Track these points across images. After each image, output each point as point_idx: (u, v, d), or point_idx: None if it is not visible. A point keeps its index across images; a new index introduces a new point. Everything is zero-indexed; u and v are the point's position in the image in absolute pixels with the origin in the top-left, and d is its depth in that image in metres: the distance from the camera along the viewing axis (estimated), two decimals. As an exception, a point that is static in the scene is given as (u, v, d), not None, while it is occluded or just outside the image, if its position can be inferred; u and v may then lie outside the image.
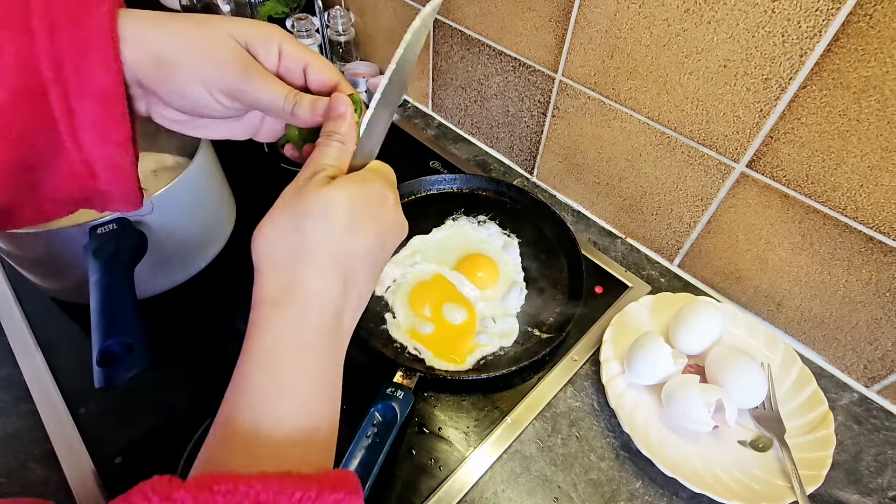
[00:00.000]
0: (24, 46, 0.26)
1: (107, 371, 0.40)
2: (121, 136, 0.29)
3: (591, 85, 0.61)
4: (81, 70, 0.27)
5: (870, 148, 0.43)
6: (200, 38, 0.29)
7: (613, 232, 0.71)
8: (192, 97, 0.30)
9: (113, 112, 0.28)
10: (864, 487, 0.48)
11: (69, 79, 0.27)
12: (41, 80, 0.26)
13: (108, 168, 0.30)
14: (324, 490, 0.22)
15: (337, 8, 0.89)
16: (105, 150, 0.29)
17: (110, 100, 0.28)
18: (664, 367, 0.49)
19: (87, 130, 0.28)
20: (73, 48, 0.27)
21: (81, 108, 0.28)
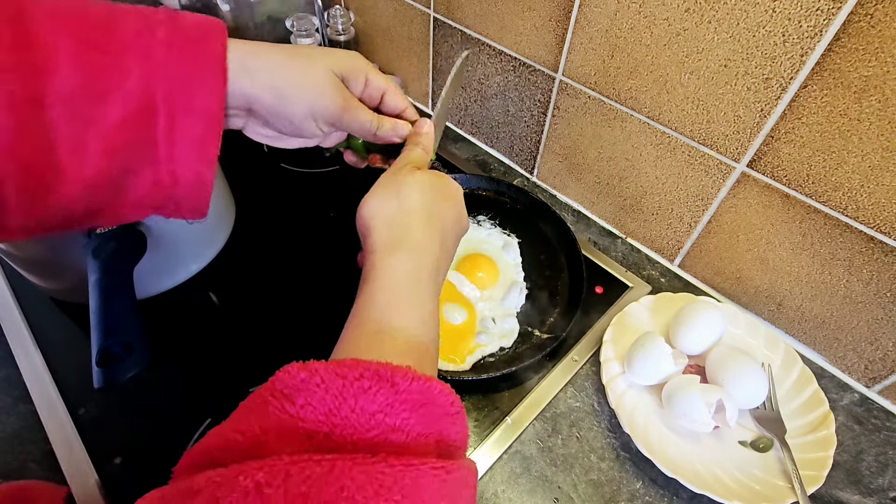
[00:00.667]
0: (145, 72, 0.29)
1: (106, 371, 0.40)
2: (213, 153, 0.33)
3: (591, 85, 0.61)
4: (191, 93, 0.31)
5: (871, 148, 0.43)
6: (310, 75, 0.35)
7: (614, 232, 0.71)
8: (299, 124, 0.36)
9: (211, 133, 0.32)
10: (864, 488, 0.48)
11: (178, 100, 0.30)
12: (154, 101, 0.30)
13: (192, 180, 0.34)
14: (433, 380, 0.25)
15: (336, 7, 0.89)
16: (195, 166, 0.33)
17: (211, 121, 0.32)
18: (664, 368, 0.49)
19: (184, 147, 0.32)
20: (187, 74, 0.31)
21: (183, 127, 0.31)
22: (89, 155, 0.29)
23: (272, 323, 0.57)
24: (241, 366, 0.53)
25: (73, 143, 0.29)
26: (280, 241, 0.66)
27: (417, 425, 0.24)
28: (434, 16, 0.75)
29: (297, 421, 0.22)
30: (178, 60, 0.30)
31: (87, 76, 0.28)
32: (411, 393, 0.24)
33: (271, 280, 0.62)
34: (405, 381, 0.24)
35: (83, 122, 0.29)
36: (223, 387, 0.52)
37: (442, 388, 0.25)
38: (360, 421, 0.23)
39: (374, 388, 0.23)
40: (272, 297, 0.60)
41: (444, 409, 0.25)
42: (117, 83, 0.29)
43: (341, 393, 0.23)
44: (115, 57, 0.29)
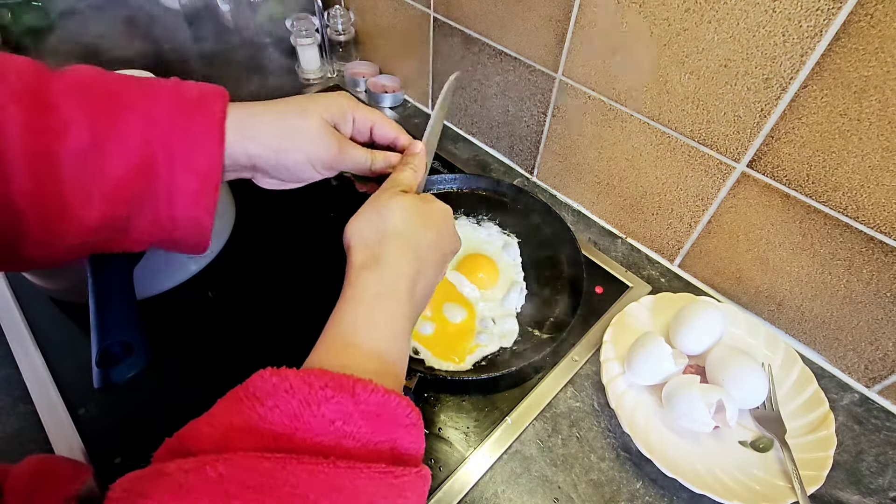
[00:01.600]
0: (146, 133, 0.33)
1: (106, 371, 0.40)
2: (209, 202, 0.36)
3: (591, 85, 0.61)
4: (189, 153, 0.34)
5: (871, 148, 0.43)
6: (304, 129, 0.38)
7: (614, 232, 0.71)
8: (299, 173, 0.40)
9: (208, 186, 0.35)
10: (864, 488, 0.48)
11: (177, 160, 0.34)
12: (154, 158, 0.33)
13: (190, 224, 0.37)
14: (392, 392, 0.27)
15: (336, 7, 0.89)
16: (193, 213, 0.36)
17: (209, 177, 0.35)
18: (665, 368, 0.49)
19: (181, 196, 0.35)
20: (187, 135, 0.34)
21: (182, 183, 0.34)
22: (96, 203, 0.33)
23: (272, 323, 0.57)
24: (241, 366, 0.53)
25: (82, 195, 0.33)
26: (280, 242, 0.66)
27: (372, 434, 0.26)
28: (434, 16, 0.75)
29: (263, 422, 0.25)
30: (179, 123, 0.34)
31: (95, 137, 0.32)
32: (370, 404, 0.26)
33: (271, 280, 0.62)
34: (365, 392, 0.26)
35: (91, 176, 0.32)
36: (223, 387, 0.51)
37: (400, 401, 0.27)
38: (320, 426, 0.25)
39: (336, 397, 0.25)
40: (272, 298, 0.60)
41: (399, 421, 0.27)
42: (121, 142, 0.33)
43: (307, 399, 0.25)
44: (121, 120, 0.33)
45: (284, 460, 0.23)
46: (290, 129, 0.38)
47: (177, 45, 1.03)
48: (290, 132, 0.38)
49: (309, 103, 0.39)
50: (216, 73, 0.96)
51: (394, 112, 0.89)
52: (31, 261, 0.35)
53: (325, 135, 0.38)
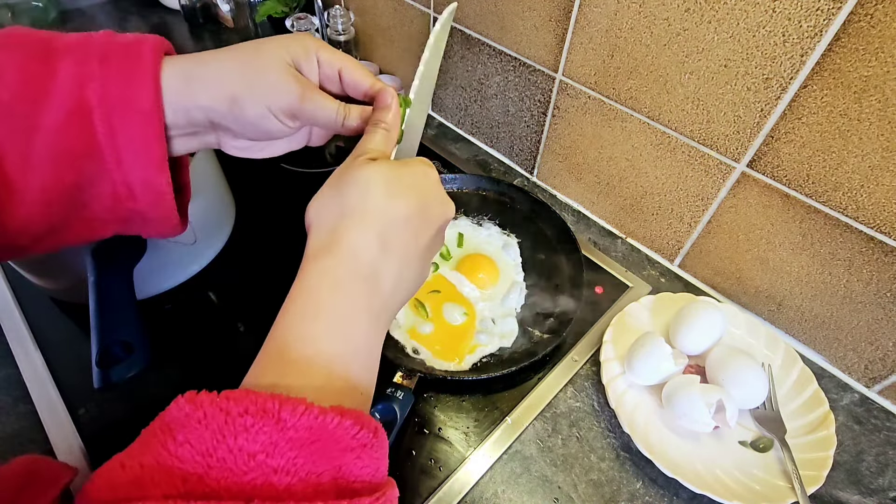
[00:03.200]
0: (78, 73, 0.30)
1: (106, 371, 0.40)
2: (156, 155, 0.32)
3: (591, 85, 0.61)
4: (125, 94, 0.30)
5: (871, 148, 0.43)
6: (258, 71, 0.33)
7: (614, 232, 0.71)
8: (261, 125, 0.34)
9: (150, 132, 0.31)
10: (864, 488, 0.48)
11: (113, 102, 0.30)
12: (88, 103, 0.30)
13: (146, 189, 0.33)
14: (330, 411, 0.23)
15: (336, 7, 0.89)
16: (143, 172, 0.32)
17: (148, 121, 0.31)
18: (665, 368, 0.49)
19: (127, 150, 0.31)
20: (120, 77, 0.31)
21: (122, 129, 0.31)
22: (35, 165, 0.30)
23: (272, 323, 0.57)
24: (241, 366, 0.53)
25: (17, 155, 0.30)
26: (280, 241, 0.66)
27: (307, 464, 0.22)
28: (434, 16, 0.75)
29: (174, 459, 0.21)
30: (111, 65, 0.31)
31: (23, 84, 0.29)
32: (299, 430, 0.22)
33: (271, 280, 0.62)
34: (293, 416, 0.22)
35: (23, 130, 0.29)
36: (223, 387, 0.51)
37: (341, 421, 0.22)
38: (237, 463, 0.21)
39: (256, 425, 0.21)
40: (272, 297, 0.60)
41: (343, 444, 0.23)
42: (50, 87, 0.29)
43: (221, 430, 0.21)
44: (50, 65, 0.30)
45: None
46: (242, 73, 0.32)
47: (176, 45, 1.03)
48: (242, 76, 0.32)
49: (265, 43, 0.34)
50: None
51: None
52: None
53: (284, 75, 0.33)
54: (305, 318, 0.27)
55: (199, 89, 0.32)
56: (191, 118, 0.33)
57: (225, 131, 0.36)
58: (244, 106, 0.33)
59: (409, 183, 0.30)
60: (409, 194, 0.30)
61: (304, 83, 0.34)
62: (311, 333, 0.26)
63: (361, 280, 0.28)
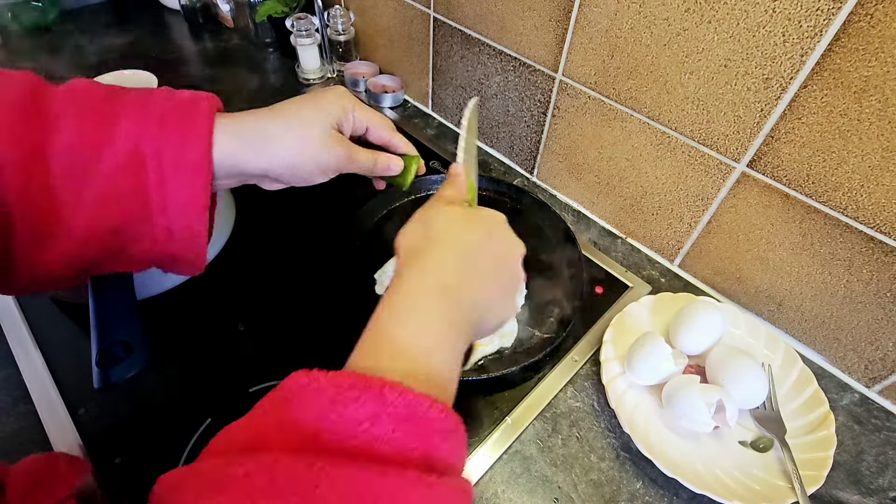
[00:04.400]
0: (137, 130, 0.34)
1: (106, 371, 0.40)
2: (200, 204, 0.36)
3: (591, 85, 0.61)
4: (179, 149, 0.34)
5: (871, 148, 0.43)
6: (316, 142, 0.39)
7: (614, 232, 0.71)
8: (311, 180, 0.41)
9: (198, 183, 0.35)
10: (864, 488, 0.48)
11: (166, 155, 0.34)
12: (143, 154, 0.34)
13: (185, 234, 0.37)
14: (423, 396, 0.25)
15: (336, 7, 0.89)
16: (185, 218, 0.36)
17: (198, 173, 0.35)
18: (665, 368, 0.49)
19: (173, 198, 0.35)
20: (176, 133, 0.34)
21: (172, 179, 0.35)
22: (87, 205, 0.33)
23: (272, 323, 0.57)
24: (241, 366, 0.53)
25: (72, 195, 0.33)
26: (280, 241, 0.66)
27: (402, 438, 0.25)
28: (434, 16, 0.75)
29: (291, 421, 0.24)
30: (169, 121, 0.35)
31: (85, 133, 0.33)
32: (398, 406, 0.25)
33: (271, 280, 0.62)
34: (393, 393, 0.25)
35: (80, 175, 0.33)
36: (223, 387, 0.52)
37: (432, 404, 0.26)
38: (347, 428, 0.24)
39: (362, 397, 0.24)
40: (272, 297, 0.60)
41: (433, 426, 0.26)
42: (110, 139, 0.33)
43: (332, 399, 0.24)
44: (111, 119, 0.34)
45: (312, 461, 0.22)
46: (301, 147, 0.38)
47: (177, 45, 1.03)
48: (301, 149, 0.38)
49: (313, 110, 0.40)
50: (216, 73, 0.96)
51: (394, 112, 0.89)
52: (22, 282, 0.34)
53: (335, 143, 0.40)
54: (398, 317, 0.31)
55: (261, 156, 0.38)
56: (245, 175, 0.39)
57: (273, 181, 0.41)
58: (301, 170, 0.39)
59: (484, 221, 0.36)
60: (482, 229, 0.35)
61: (349, 147, 0.41)
62: (405, 328, 0.30)
63: (442, 293, 0.31)
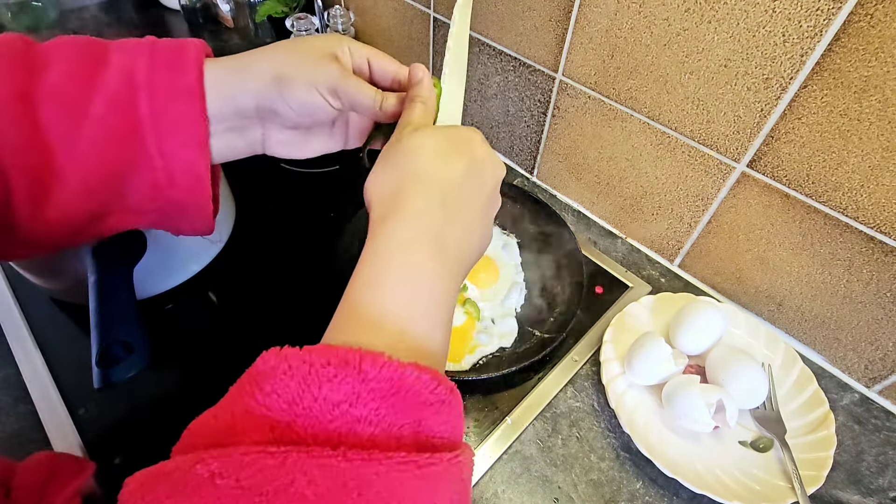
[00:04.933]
0: (128, 62, 0.32)
1: (106, 371, 0.40)
2: (198, 136, 0.34)
3: (591, 85, 0.61)
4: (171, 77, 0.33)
5: (871, 148, 0.43)
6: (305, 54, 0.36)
7: (614, 232, 0.71)
8: (307, 101, 0.36)
9: (192, 111, 0.33)
10: (864, 488, 0.48)
11: (158, 84, 0.32)
12: (134, 86, 0.32)
13: (186, 174, 0.34)
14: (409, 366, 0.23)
15: (336, 7, 0.89)
16: (183, 154, 0.34)
17: (191, 100, 0.33)
18: (665, 368, 0.49)
19: (169, 132, 0.33)
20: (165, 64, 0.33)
21: (165, 109, 0.33)
22: (80, 152, 0.31)
23: (272, 323, 0.57)
24: (241, 366, 0.53)
25: (64, 141, 0.31)
26: (280, 241, 0.66)
27: (388, 415, 0.22)
28: (434, 16, 0.75)
29: (262, 408, 0.22)
30: (159, 54, 0.33)
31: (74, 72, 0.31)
32: (380, 381, 0.22)
33: (271, 280, 0.62)
34: (374, 367, 0.22)
35: (72, 117, 0.31)
36: (223, 387, 0.51)
37: (419, 375, 0.23)
38: (322, 411, 0.22)
39: (339, 375, 0.22)
40: (272, 297, 0.60)
41: (422, 398, 0.23)
42: (101, 74, 0.31)
43: (305, 380, 0.22)
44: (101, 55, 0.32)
45: (286, 454, 0.20)
46: (287, 57, 0.35)
47: (177, 45, 1.03)
48: (287, 60, 0.35)
49: (304, 38, 0.38)
50: (216, 73, 0.96)
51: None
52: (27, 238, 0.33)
53: (325, 58, 0.36)
54: (377, 280, 0.27)
55: (247, 76, 0.35)
56: (238, 107, 0.35)
57: (271, 120, 0.37)
58: (291, 84, 0.35)
59: (459, 145, 0.32)
60: (461, 155, 0.31)
61: (344, 65, 0.37)
62: (381, 293, 0.27)
63: (427, 240, 0.28)
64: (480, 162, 0.32)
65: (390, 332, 0.26)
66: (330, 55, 0.36)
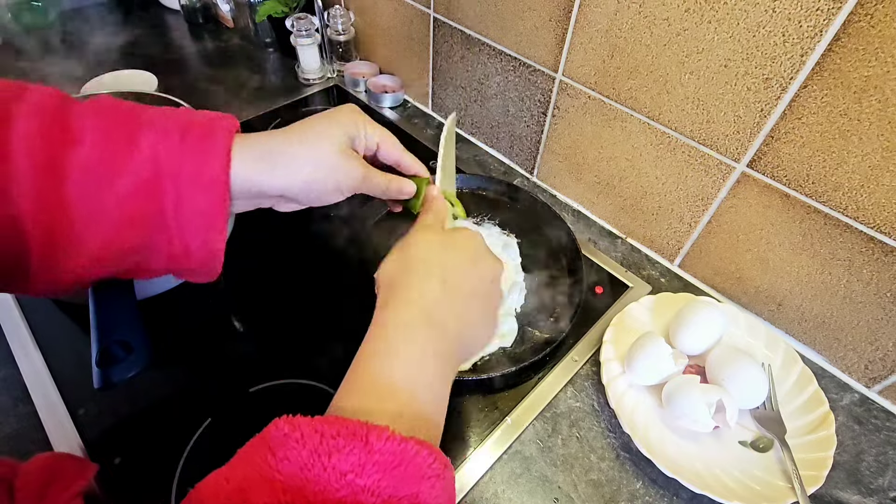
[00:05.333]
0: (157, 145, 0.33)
1: (106, 371, 0.40)
2: (219, 222, 0.35)
3: (591, 85, 0.61)
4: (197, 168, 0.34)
5: (871, 148, 0.43)
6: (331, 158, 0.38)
7: (614, 232, 0.71)
8: (327, 199, 0.40)
9: (216, 201, 0.35)
10: (864, 488, 0.48)
11: (184, 174, 0.33)
12: (160, 174, 0.33)
13: (202, 250, 0.36)
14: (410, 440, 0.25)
15: (336, 7, 0.89)
16: (203, 236, 0.36)
17: (216, 190, 0.34)
18: (665, 368, 0.49)
19: (190, 218, 0.35)
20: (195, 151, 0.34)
21: (189, 200, 0.34)
22: (103, 225, 0.33)
23: (272, 323, 0.57)
24: (241, 366, 0.53)
25: (88, 214, 0.32)
26: (280, 242, 0.66)
27: (389, 487, 0.24)
28: (434, 16, 0.75)
29: (274, 473, 0.23)
30: (189, 138, 0.34)
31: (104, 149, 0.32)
32: (384, 454, 0.24)
33: (271, 280, 0.62)
34: (380, 440, 0.24)
35: (98, 194, 0.32)
36: (223, 387, 0.52)
37: (419, 450, 0.25)
38: (330, 480, 0.23)
39: (347, 446, 0.24)
40: (272, 297, 0.60)
41: (420, 472, 0.25)
42: (130, 157, 0.33)
43: (316, 450, 0.23)
44: (134, 133, 0.33)
45: None
46: (316, 163, 0.38)
47: (177, 45, 1.03)
48: (316, 166, 0.38)
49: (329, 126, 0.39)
50: (216, 73, 0.96)
51: (394, 112, 0.89)
52: (35, 289, 0.34)
53: (352, 160, 0.39)
54: (382, 355, 0.30)
55: (276, 174, 0.37)
56: (264, 194, 0.38)
57: (290, 201, 0.40)
58: (318, 188, 0.38)
59: (460, 240, 0.36)
60: (461, 247, 0.35)
61: (365, 167, 0.40)
62: (387, 367, 0.29)
63: (427, 322, 0.31)
64: (479, 254, 0.36)
65: (395, 401, 0.28)
66: (352, 153, 0.39)
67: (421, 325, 0.31)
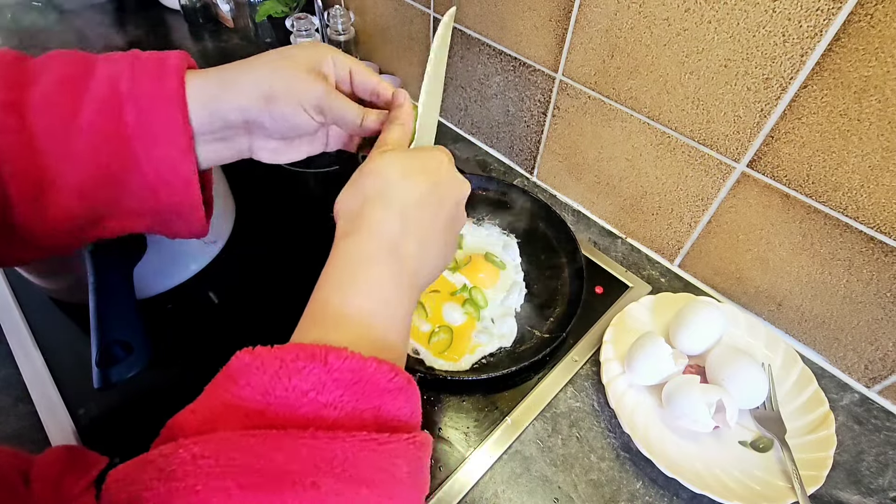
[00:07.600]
0: (112, 72, 0.34)
1: (106, 371, 0.40)
2: (182, 142, 0.35)
3: (591, 84, 0.61)
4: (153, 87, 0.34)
5: (871, 148, 0.43)
6: (292, 71, 0.37)
7: (614, 232, 0.71)
8: (293, 119, 0.37)
9: (175, 118, 0.35)
10: (864, 488, 0.48)
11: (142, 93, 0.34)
12: (120, 95, 0.34)
13: (174, 178, 0.36)
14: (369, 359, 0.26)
15: (336, 7, 0.89)
16: (170, 159, 0.35)
17: (173, 107, 0.34)
18: (665, 368, 0.49)
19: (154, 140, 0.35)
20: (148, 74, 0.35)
21: (149, 118, 0.34)
22: (74, 158, 0.33)
23: (272, 323, 0.57)
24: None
25: (58, 146, 0.33)
26: (280, 241, 0.66)
27: (351, 401, 0.25)
28: (434, 16, 0.75)
29: (237, 400, 0.24)
30: (141, 64, 0.35)
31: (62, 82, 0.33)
32: (343, 372, 0.25)
33: (271, 280, 0.62)
34: (338, 359, 0.25)
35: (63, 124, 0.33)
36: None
37: (379, 366, 0.26)
38: (291, 399, 0.24)
39: (307, 367, 0.24)
40: (272, 297, 0.60)
41: (381, 386, 0.26)
42: (88, 84, 0.33)
43: (277, 373, 0.24)
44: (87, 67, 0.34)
45: (264, 435, 0.22)
46: (275, 75, 0.36)
47: (177, 45, 1.03)
48: (275, 78, 0.36)
49: (288, 49, 0.38)
50: (216, 73, 0.96)
51: (394, 112, 0.89)
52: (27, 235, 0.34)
53: (312, 75, 0.37)
54: (341, 285, 0.30)
55: (236, 92, 0.36)
56: (227, 120, 0.37)
57: (258, 132, 0.39)
58: (279, 103, 0.36)
59: (421, 166, 0.34)
60: (422, 175, 0.33)
61: (329, 83, 0.38)
62: (347, 296, 0.29)
63: (387, 253, 0.31)
64: (442, 180, 0.34)
65: (354, 330, 0.28)
66: (316, 71, 0.37)
67: (381, 256, 0.31)
